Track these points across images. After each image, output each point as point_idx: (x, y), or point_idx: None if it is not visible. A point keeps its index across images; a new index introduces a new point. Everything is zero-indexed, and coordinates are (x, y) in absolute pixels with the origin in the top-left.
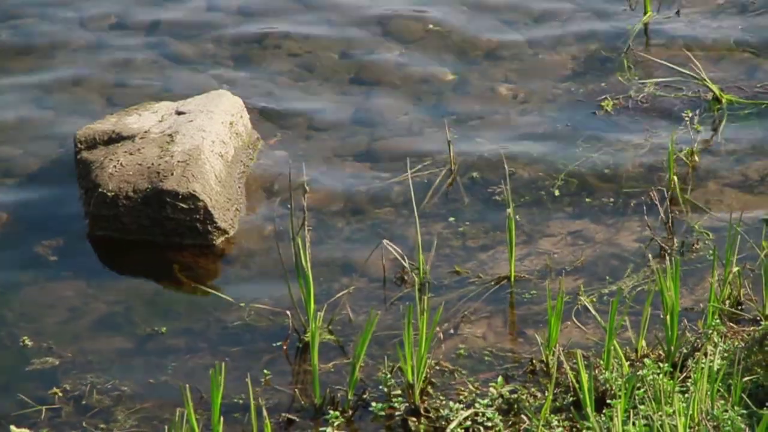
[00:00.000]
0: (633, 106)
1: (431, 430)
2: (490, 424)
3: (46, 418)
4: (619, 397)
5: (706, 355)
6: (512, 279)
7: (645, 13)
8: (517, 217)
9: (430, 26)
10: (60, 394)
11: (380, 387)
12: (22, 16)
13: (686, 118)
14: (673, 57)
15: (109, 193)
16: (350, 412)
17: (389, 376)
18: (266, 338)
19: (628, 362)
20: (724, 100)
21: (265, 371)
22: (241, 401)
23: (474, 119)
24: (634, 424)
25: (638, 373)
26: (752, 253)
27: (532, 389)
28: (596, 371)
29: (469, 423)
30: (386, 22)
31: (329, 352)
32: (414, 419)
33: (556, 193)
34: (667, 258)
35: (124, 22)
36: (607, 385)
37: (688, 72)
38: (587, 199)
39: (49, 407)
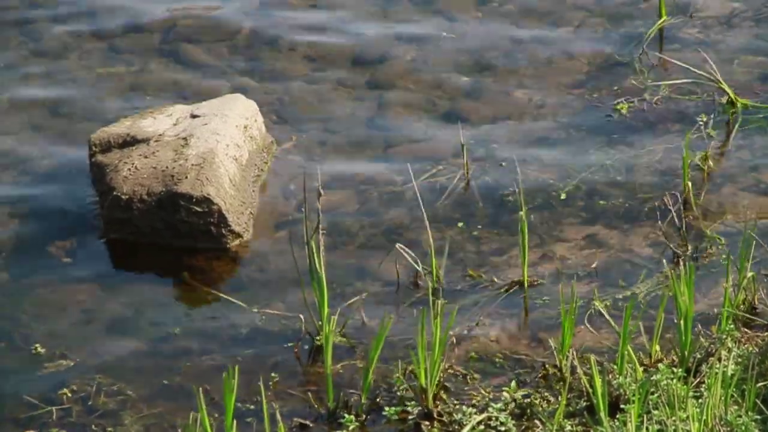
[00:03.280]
0: (647, 110)
1: None
2: (503, 428)
3: (57, 418)
4: (633, 402)
5: (720, 360)
6: (525, 283)
7: (660, 17)
8: (532, 218)
9: (444, 34)
10: (69, 395)
11: (393, 391)
12: (38, 19)
13: (700, 123)
14: (687, 61)
15: (123, 196)
16: (363, 416)
17: (403, 380)
18: (279, 342)
19: (642, 367)
20: (738, 105)
21: (278, 375)
22: (253, 405)
23: (488, 123)
24: (647, 429)
25: (652, 378)
26: (767, 258)
27: (546, 394)
28: (610, 376)
29: (482, 427)
30: (400, 25)
31: (342, 355)
32: (427, 423)
33: (563, 196)
34: (681, 263)
35: (139, 25)
36: (621, 390)
37: (702, 73)
38: (601, 204)
39: (59, 408)
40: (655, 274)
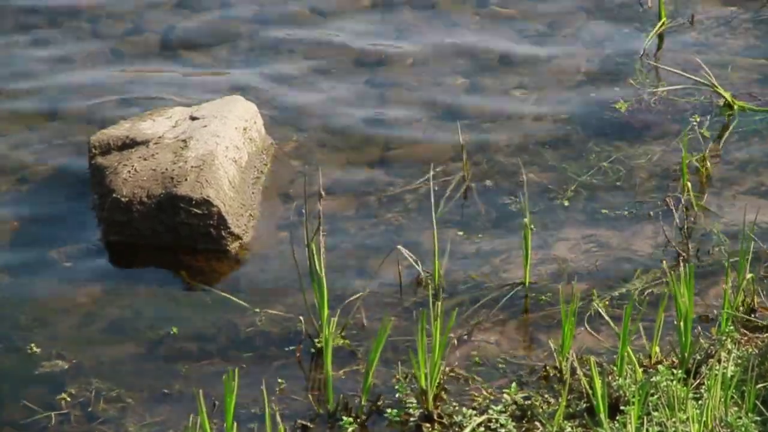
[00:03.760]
0: (646, 112)
1: None
2: (503, 430)
3: (56, 422)
4: (633, 403)
5: (719, 361)
6: (527, 284)
7: (659, 19)
8: (532, 219)
9: (447, 39)
10: (69, 400)
11: (394, 393)
12: (39, 22)
13: (698, 125)
14: (686, 63)
15: (123, 199)
16: (364, 418)
17: (403, 382)
18: (279, 344)
19: (642, 369)
20: (735, 107)
21: (278, 376)
22: (254, 407)
23: (487, 124)
24: (647, 430)
25: (652, 380)
26: (766, 260)
27: (546, 395)
28: (610, 377)
29: (482, 429)
30: (401, 27)
31: (343, 357)
32: (428, 425)
33: (566, 203)
34: (681, 264)
35: (138, 28)
36: (621, 392)
37: (698, 79)
38: (600, 205)
39: (58, 413)
40: (655, 275)
